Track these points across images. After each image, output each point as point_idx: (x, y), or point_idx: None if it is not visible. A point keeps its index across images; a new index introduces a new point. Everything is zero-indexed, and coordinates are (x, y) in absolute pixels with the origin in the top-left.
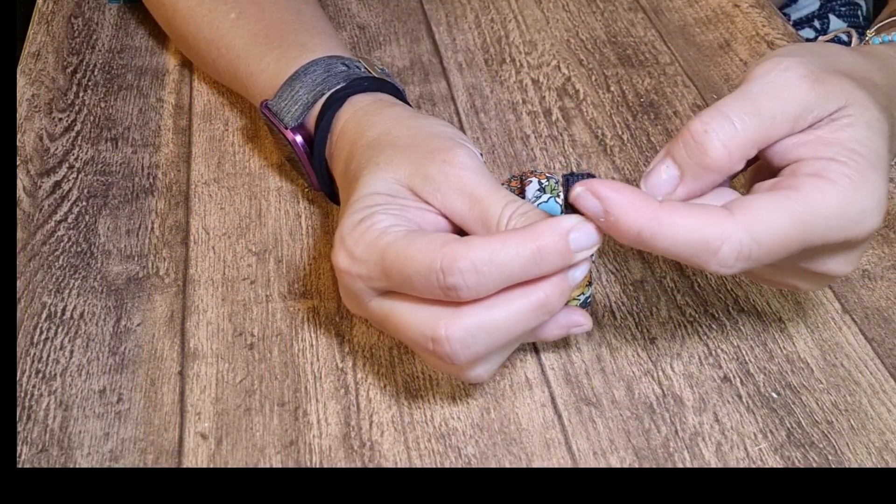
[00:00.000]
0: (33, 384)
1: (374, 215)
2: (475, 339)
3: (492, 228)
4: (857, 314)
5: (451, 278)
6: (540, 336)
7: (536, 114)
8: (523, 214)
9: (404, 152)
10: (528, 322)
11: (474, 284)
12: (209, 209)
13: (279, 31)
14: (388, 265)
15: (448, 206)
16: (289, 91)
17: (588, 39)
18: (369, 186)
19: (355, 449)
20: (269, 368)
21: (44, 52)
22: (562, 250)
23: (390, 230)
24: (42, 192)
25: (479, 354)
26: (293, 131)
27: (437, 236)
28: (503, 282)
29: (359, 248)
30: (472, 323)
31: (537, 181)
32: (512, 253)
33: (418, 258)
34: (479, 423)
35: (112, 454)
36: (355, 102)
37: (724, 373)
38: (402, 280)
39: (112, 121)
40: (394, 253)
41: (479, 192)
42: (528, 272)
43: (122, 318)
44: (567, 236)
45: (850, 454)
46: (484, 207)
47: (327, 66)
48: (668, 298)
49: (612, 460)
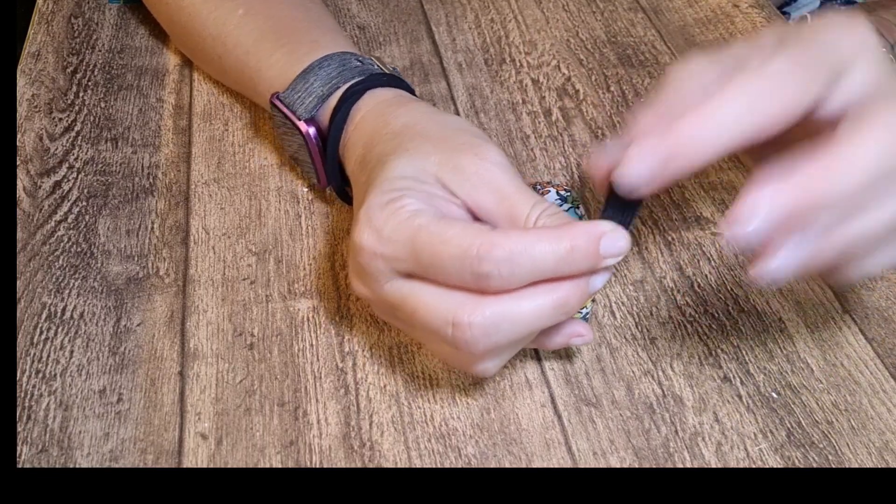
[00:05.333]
0: (33, 384)
1: (403, 197)
2: (497, 328)
3: (519, 226)
4: (857, 314)
5: (486, 265)
6: (543, 342)
7: (536, 114)
8: (552, 215)
9: (434, 142)
10: (546, 319)
11: (507, 274)
12: (209, 209)
13: (289, 27)
14: (420, 246)
15: (476, 200)
16: (302, 83)
17: (588, 39)
18: (398, 169)
19: (355, 449)
20: (269, 368)
21: (44, 52)
22: (593, 253)
23: (421, 213)
24: (42, 192)
25: (496, 345)
26: (307, 123)
27: (472, 224)
28: (533, 276)
29: (388, 226)
30: (496, 312)
31: (556, 192)
32: (547, 249)
33: (454, 242)
34: (479, 423)
35: (112, 454)
36: (376, 95)
37: (724, 373)
38: (433, 262)
39: (112, 121)
40: (427, 235)
41: (508, 188)
42: (559, 270)
43: (122, 318)
44: (599, 240)
45: (850, 454)
46: (512, 204)
47: (342, 60)
48: (668, 298)
49: (612, 460)
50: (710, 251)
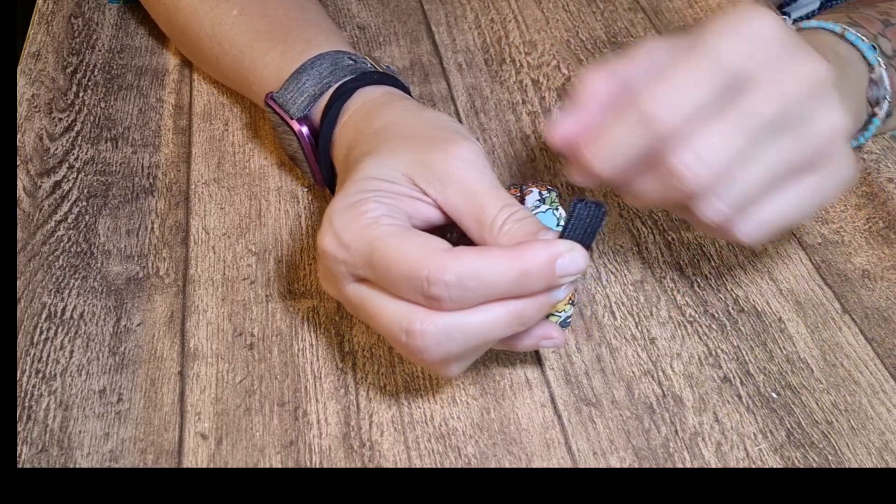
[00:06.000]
0: (33, 384)
1: (367, 201)
2: (449, 337)
3: (485, 227)
4: (857, 314)
5: (436, 289)
6: (512, 346)
7: (536, 114)
8: (519, 220)
9: (408, 142)
10: (502, 329)
11: (458, 297)
12: (209, 209)
13: (283, 26)
14: (376, 259)
15: (445, 199)
16: (295, 83)
17: (588, 39)
18: (368, 170)
19: (355, 449)
20: (269, 368)
21: (44, 52)
22: (547, 275)
23: (382, 221)
24: (42, 192)
25: (450, 354)
26: (299, 122)
27: (426, 242)
28: (485, 298)
29: (347, 233)
30: (449, 322)
31: (538, 192)
32: (498, 272)
33: (406, 262)
34: (479, 423)
35: (112, 454)
36: (365, 94)
37: (724, 373)
38: (387, 277)
39: (112, 121)
40: (383, 249)
41: (477, 188)
42: (511, 291)
43: (122, 318)
44: (555, 262)
45: (850, 454)
46: (480, 205)
47: (334, 59)
48: (668, 298)
49: (611, 460)
50: (710, 251)
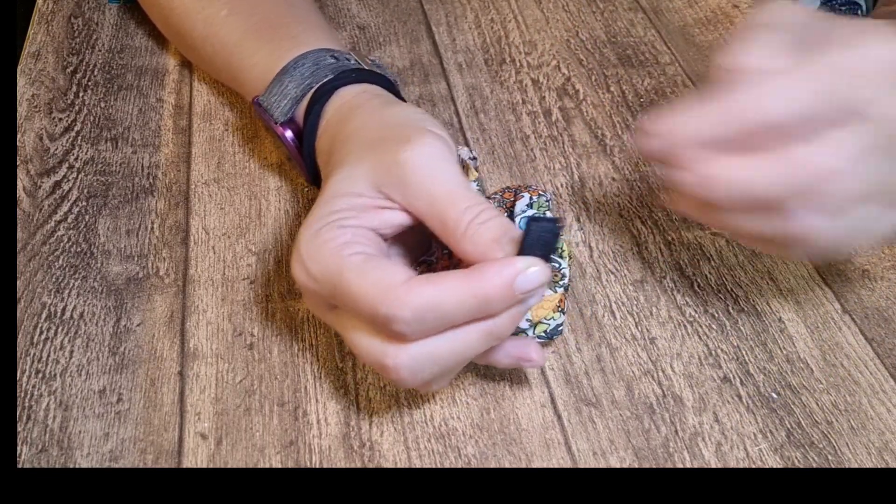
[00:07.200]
0: (33, 384)
1: (331, 227)
2: (422, 366)
3: (449, 232)
4: (857, 314)
5: (396, 325)
6: (490, 363)
7: (536, 114)
8: (482, 224)
9: (370, 146)
10: (475, 348)
11: (419, 330)
12: (209, 209)
13: (271, 25)
14: (339, 293)
15: (410, 203)
16: (278, 86)
17: (588, 39)
18: (333, 187)
19: (355, 449)
20: (268, 368)
21: (44, 52)
22: (507, 296)
23: (344, 251)
24: (42, 192)
25: (427, 378)
26: (283, 126)
27: (383, 276)
28: (450, 325)
29: (314, 265)
30: (419, 351)
31: (529, 196)
32: (457, 301)
33: (363, 300)
34: (479, 423)
35: (112, 454)
36: (342, 95)
37: (724, 373)
38: (352, 311)
39: (112, 121)
40: (345, 284)
41: (437, 190)
42: (475, 315)
43: (121, 318)
44: (513, 283)
45: (850, 454)
46: (442, 208)
47: (316, 58)
48: (668, 298)
49: (611, 460)
50: (710, 251)
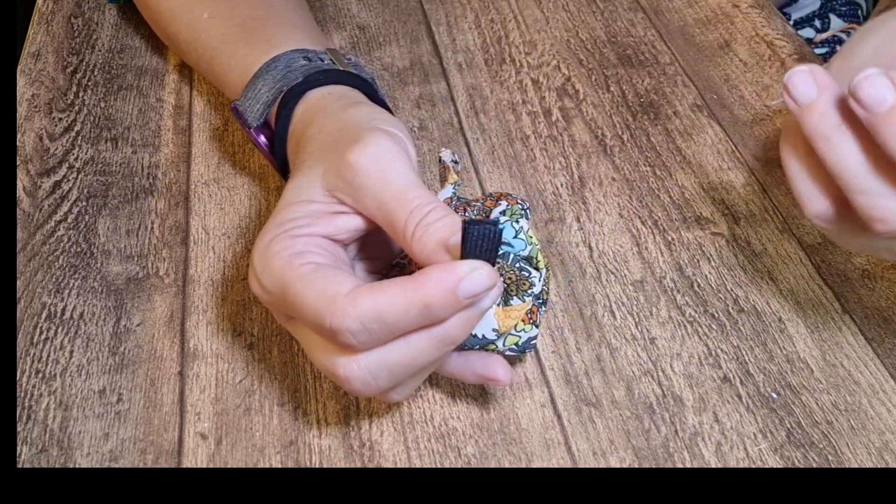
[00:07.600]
0: (33, 384)
1: (282, 238)
2: (375, 376)
3: (399, 234)
4: (857, 314)
5: (341, 337)
6: (455, 378)
7: (536, 114)
8: (429, 225)
9: (324, 150)
10: (428, 355)
11: (367, 340)
12: (209, 209)
13: (247, 27)
14: (289, 306)
15: (360, 206)
16: (252, 90)
17: (588, 39)
18: (287, 196)
19: (355, 449)
20: (268, 368)
21: (44, 52)
22: (451, 303)
23: (293, 262)
24: (42, 192)
25: (383, 388)
26: (257, 131)
27: (325, 287)
28: (397, 333)
29: (265, 277)
30: (370, 361)
31: (506, 204)
32: (400, 310)
33: (308, 311)
34: (479, 423)
35: (112, 454)
36: (309, 98)
37: (724, 373)
38: (303, 320)
39: (112, 121)
40: (292, 295)
41: (385, 191)
42: (421, 323)
43: (121, 318)
44: (455, 288)
45: (850, 454)
46: (390, 210)
47: (288, 61)
48: (668, 298)
49: (611, 460)
50: (710, 251)
